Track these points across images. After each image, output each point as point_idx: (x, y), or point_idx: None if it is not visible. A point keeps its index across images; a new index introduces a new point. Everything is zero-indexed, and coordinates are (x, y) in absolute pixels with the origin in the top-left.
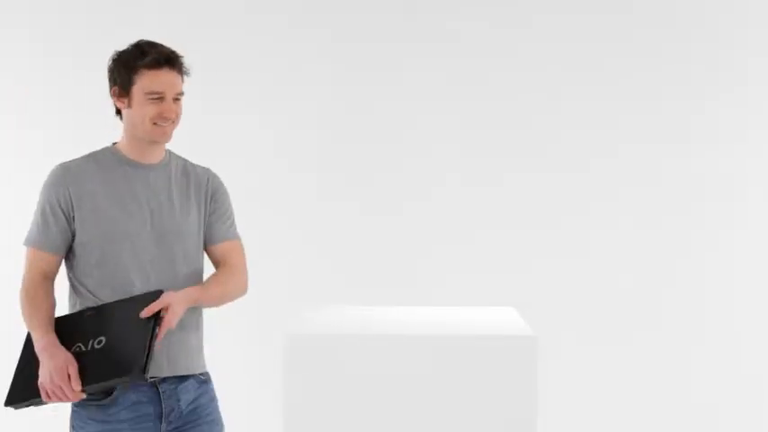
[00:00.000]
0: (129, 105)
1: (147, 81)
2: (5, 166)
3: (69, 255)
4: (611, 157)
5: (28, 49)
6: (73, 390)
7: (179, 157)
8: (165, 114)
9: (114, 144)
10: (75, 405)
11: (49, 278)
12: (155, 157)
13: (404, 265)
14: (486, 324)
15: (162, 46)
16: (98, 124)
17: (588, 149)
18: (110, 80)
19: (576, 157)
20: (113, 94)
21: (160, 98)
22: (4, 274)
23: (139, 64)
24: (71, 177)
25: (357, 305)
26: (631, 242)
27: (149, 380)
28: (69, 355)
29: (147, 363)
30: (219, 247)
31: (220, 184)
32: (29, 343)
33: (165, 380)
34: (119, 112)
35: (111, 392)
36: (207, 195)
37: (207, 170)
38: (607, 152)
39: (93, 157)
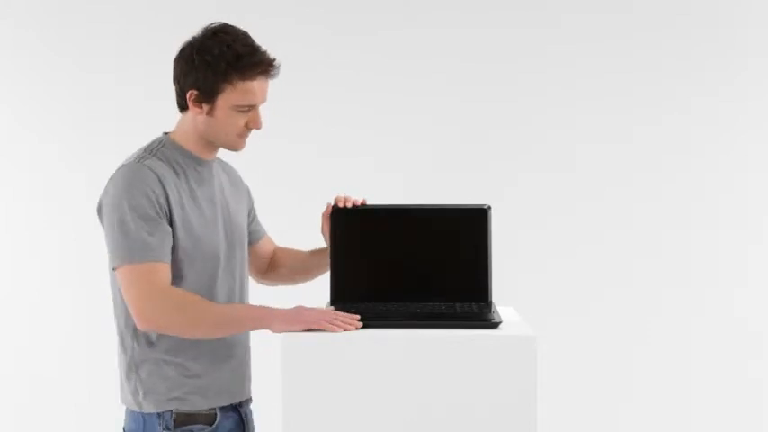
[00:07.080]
0: (211, 114)
1: (239, 94)
2: (5, 166)
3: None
4: (615, 156)
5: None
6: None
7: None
8: (254, 126)
9: (167, 134)
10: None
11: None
12: (213, 154)
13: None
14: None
15: (254, 45)
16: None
17: (589, 148)
18: (186, 80)
19: (578, 156)
20: (189, 98)
21: (251, 108)
22: (3, 273)
23: (233, 72)
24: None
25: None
26: (633, 241)
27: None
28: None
29: None
30: (263, 243)
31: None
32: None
33: (243, 403)
34: (183, 107)
35: (214, 422)
36: (246, 192)
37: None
38: (611, 150)
39: (159, 156)
